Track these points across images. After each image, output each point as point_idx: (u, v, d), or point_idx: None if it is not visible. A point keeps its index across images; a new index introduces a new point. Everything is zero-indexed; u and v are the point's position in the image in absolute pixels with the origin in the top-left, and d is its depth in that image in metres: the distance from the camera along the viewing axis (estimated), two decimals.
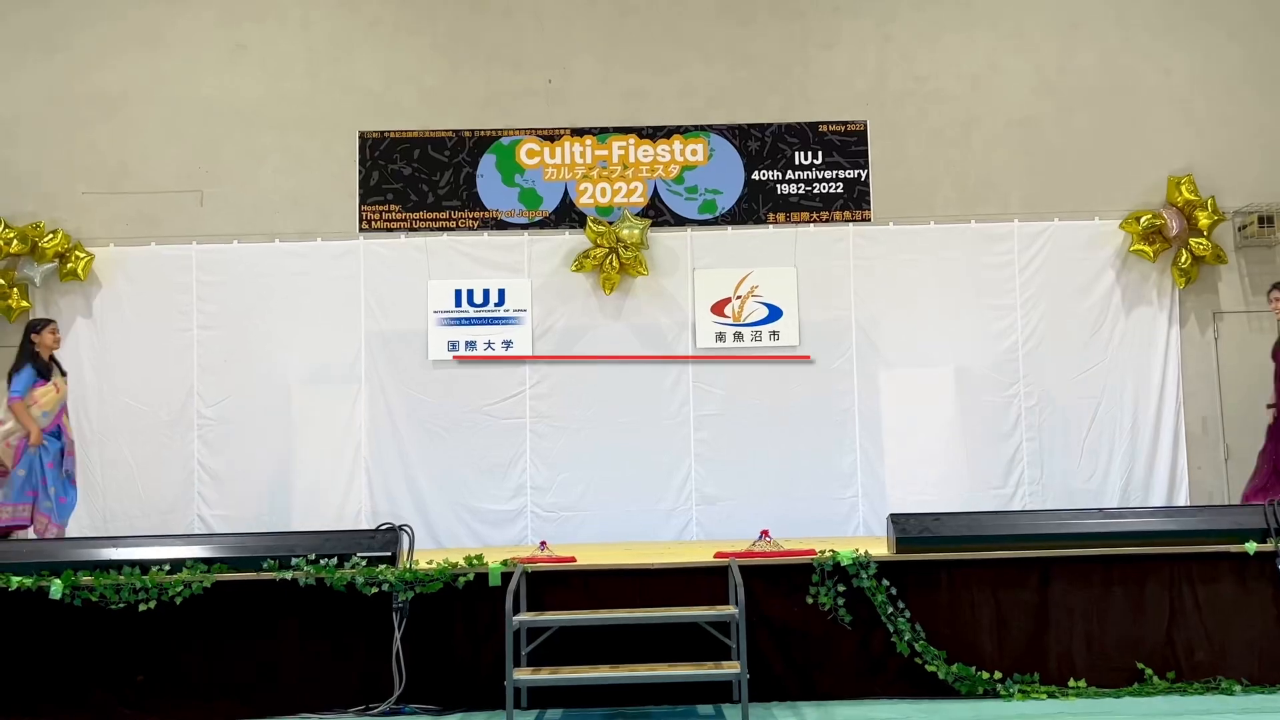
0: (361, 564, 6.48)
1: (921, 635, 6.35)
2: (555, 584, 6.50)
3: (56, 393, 8.52)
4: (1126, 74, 10.46)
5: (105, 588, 6.38)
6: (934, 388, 10.19)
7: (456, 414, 10.12)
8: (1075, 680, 6.35)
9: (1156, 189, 10.29)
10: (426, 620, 6.41)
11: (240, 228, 10.28)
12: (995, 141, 10.41)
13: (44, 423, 8.41)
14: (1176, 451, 10.09)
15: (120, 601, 6.37)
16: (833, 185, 10.41)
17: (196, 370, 10.11)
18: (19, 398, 8.36)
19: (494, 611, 6.28)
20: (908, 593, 6.43)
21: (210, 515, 9.96)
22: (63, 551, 6.81)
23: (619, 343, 10.21)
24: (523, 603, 6.36)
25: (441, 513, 10.04)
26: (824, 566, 6.41)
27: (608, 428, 10.09)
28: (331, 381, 10.15)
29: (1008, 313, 10.20)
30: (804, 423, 10.08)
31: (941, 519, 6.65)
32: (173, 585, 6.38)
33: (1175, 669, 6.40)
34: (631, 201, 10.39)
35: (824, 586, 6.40)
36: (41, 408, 8.44)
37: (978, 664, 6.37)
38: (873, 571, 6.38)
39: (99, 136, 10.34)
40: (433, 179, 10.39)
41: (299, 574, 6.41)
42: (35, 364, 8.50)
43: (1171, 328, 10.21)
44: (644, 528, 9.97)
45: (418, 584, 6.38)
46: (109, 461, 9.98)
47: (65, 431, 8.61)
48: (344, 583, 6.38)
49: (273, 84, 10.44)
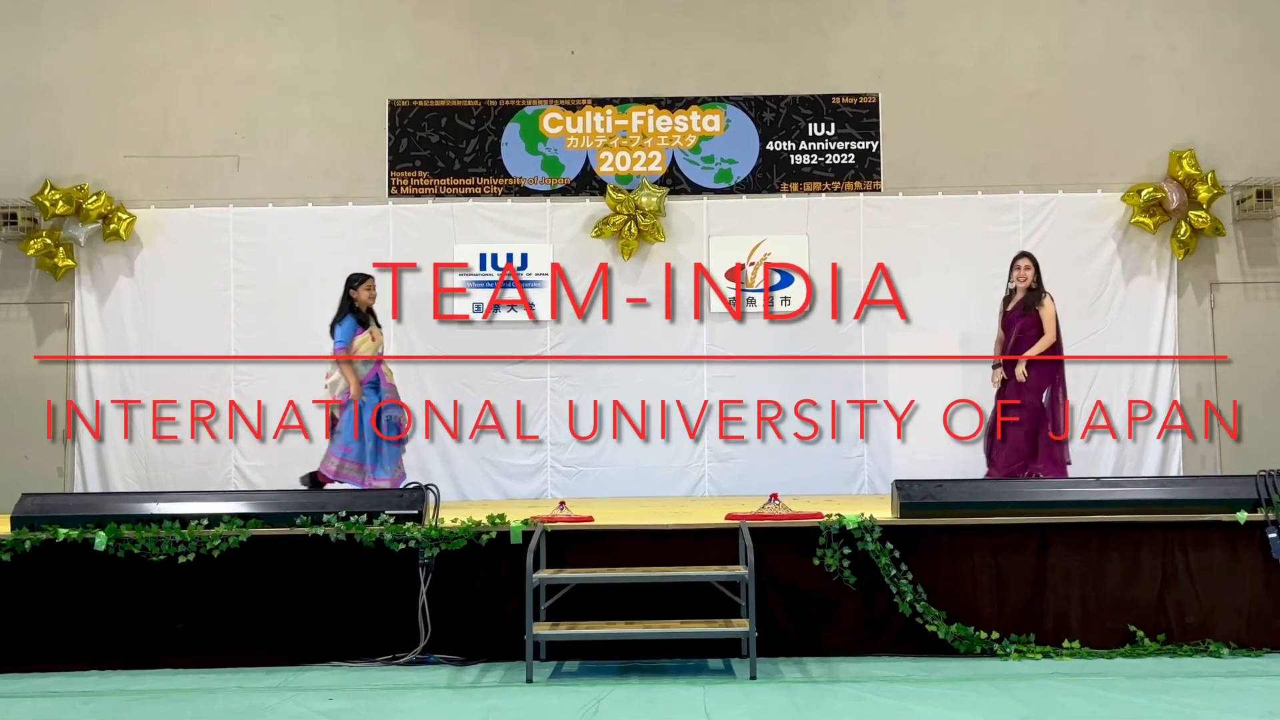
0: (389, 521, 6.49)
1: (923, 596, 6.34)
2: (574, 542, 6.50)
3: (373, 341, 8.41)
4: (1131, 49, 10.29)
5: (147, 540, 6.41)
6: (939, 352, 10.10)
7: (480, 372, 10.11)
8: (1070, 641, 6.34)
9: (1158, 162, 10.15)
10: (451, 575, 6.43)
11: (275, 192, 10.24)
12: (1003, 115, 10.28)
13: (363, 372, 8.28)
14: (1171, 417, 10.01)
15: (161, 554, 6.40)
16: (844, 156, 10.30)
17: (233, 328, 10.12)
18: (342, 348, 8.26)
19: (515, 568, 6.28)
20: (911, 556, 6.40)
21: (246, 466, 10.03)
22: (107, 505, 6.85)
23: (637, 308, 10.16)
24: (542, 560, 6.36)
25: (466, 467, 10.08)
26: (830, 530, 6.40)
27: (625, 387, 10.08)
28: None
29: None
30: (812, 384, 10.04)
31: (944, 485, 6.61)
32: (211, 539, 6.40)
33: (1166, 631, 6.38)
34: (650, 170, 10.30)
35: (830, 549, 6.39)
36: (360, 357, 8.32)
37: (976, 624, 6.36)
38: (877, 535, 6.36)
39: (140, 104, 10.29)
40: (459, 146, 10.31)
41: (330, 530, 6.43)
42: (355, 315, 8.40)
43: (1170, 297, 10.11)
44: (659, 483, 10.00)
45: (443, 541, 6.39)
46: (150, 415, 9.98)
47: (384, 380, 8.45)
48: (373, 539, 6.40)
49: (306, 54, 10.36)
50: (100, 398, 10.04)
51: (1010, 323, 8.43)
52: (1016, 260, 8.48)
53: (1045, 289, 8.39)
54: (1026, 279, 8.38)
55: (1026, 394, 8.25)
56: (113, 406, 10.01)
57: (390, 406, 8.42)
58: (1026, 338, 8.31)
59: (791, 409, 9.99)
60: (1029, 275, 8.38)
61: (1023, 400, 8.28)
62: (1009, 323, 8.44)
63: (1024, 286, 8.39)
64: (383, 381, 8.46)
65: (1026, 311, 8.33)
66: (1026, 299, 8.35)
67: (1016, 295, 8.44)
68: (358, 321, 8.38)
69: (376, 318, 8.61)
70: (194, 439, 9.99)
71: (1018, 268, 8.43)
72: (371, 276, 8.65)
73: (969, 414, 9.97)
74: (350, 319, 8.37)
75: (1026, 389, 8.25)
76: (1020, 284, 8.41)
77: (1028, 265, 8.40)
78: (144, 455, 9.97)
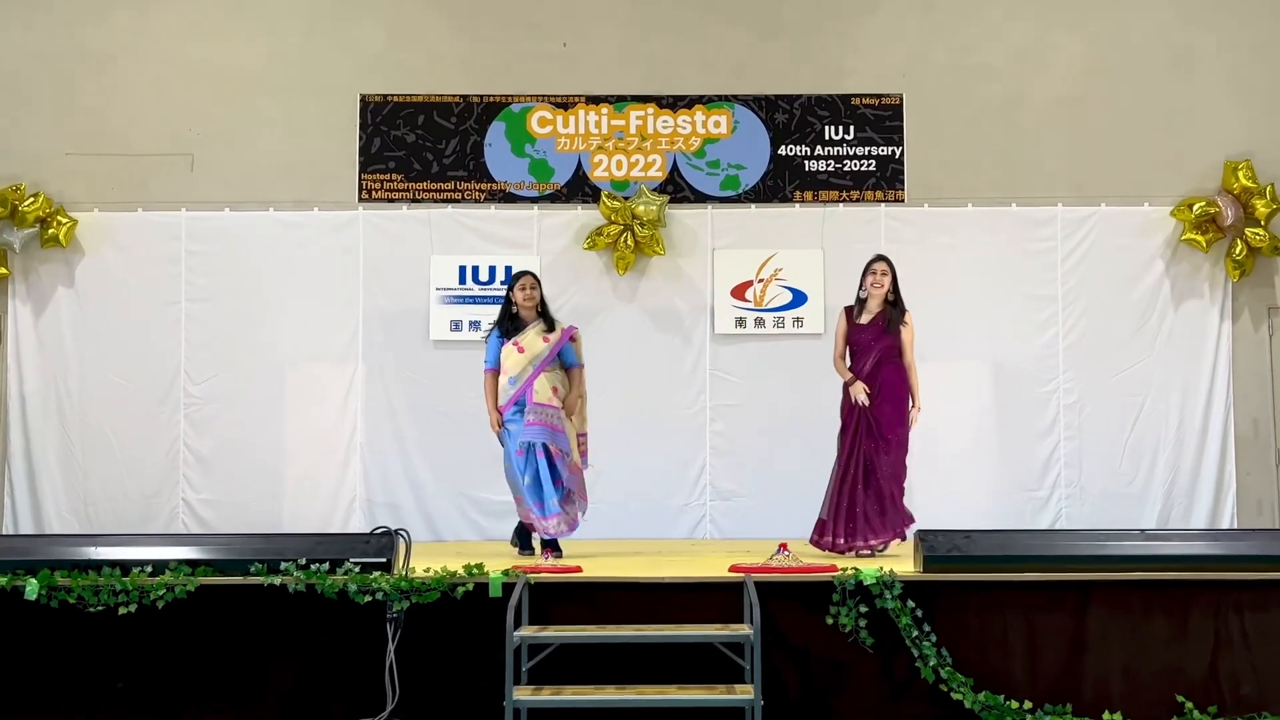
0: (355, 570, 6.43)
1: (948, 661, 6.29)
2: (560, 596, 6.45)
3: (520, 353, 7.79)
4: (1182, 50, 10.28)
5: (83, 589, 6.34)
6: (967, 381, 10.09)
7: (458, 397, 10.00)
8: (1111, 713, 6.28)
9: (1212, 174, 10.13)
10: (422, 631, 6.36)
11: (233, 195, 10.19)
12: (1040, 120, 10.25)
13: (509, 391, 7.74)
14: (1225, 455, 10.00)
15: (99, 604, 6.33)
16: (865, 163, 10.28)
17: (184, 346, 10.06)
18: (487, 370, 7.91)
19: (494, 624, 6.22)
20: (934, 614, 6.35)
21: (196, 500, 9.95)
22: (39, 549, 6.78)
23: (633, 327, 10.13)
24: (524, 616, 6.31)
25: (440, 503, 10.02)
26: (846, 585, 6.34)
27: (618, 416, 9.98)
28: (326, 360, 10.11)
29: (1048, 303, 10.10)
30: (827, 416, 9.93)
31: (972, 537, 6.56)
32: (155, 588, 6.33)
33: (1218, 703, 6.33)
34: (649, 175, 10.28)
35: (845, 606, 6.33)
36: (507, 373, 7.82)
37: (1007, 692, 6.31)
38: (897, 592, 6.31)
39: (85, 96, 10.24)
40: (438, 147, 10.28)
41: (288, 579, 6.37)
42: (500, 323, 7.97)
43: (1223, 323, 10.08)
44: (656, 523, 9.93)
45: (413, 593, 6.33)
46: (90, 442, 9.93)
47: (531, 397, 7.69)
48: (335, 590, 6.34)
49: (269, 43, 10.32)
50: (34, 422, 9.97)
51: (866, 342, 8.00)
52: (872, 264, 8.05)
53: (904, 301, 8.06)
54: (883, 287, 7.96)
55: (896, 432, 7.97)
56: (48, 432, 9.94)
57: (534, 429, 7.70)
58: (889, 362, 7.96)
59: (803, 442, 9.93)
60: (886, 283, 7.97)
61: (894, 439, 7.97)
62: (863, 342, 8.01)
63: (880, 296, 7.99)
64: (530, 399, 7.73)
65: (890, 329, 7.95)
66: (890, 314, 7.97)
67: (870, 306, 8.02)
68: (501, 330, 7.94)
69: (549, 316, 7.99)
70: (138, 470, 9.91)
71: (873, 272, 8.00)
72: (529, 272, 8.16)
73: (999, 451, 9.97)
74: (495, 331, 7.98)
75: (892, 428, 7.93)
76: (875, 292, 7.98)
77: (885, 271, 8.00)
78: (82, 487, 9.89)
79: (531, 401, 7.72)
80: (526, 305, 7.95)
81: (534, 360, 7.81)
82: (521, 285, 7.98)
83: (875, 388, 7.97)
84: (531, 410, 7.72)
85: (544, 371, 7.82)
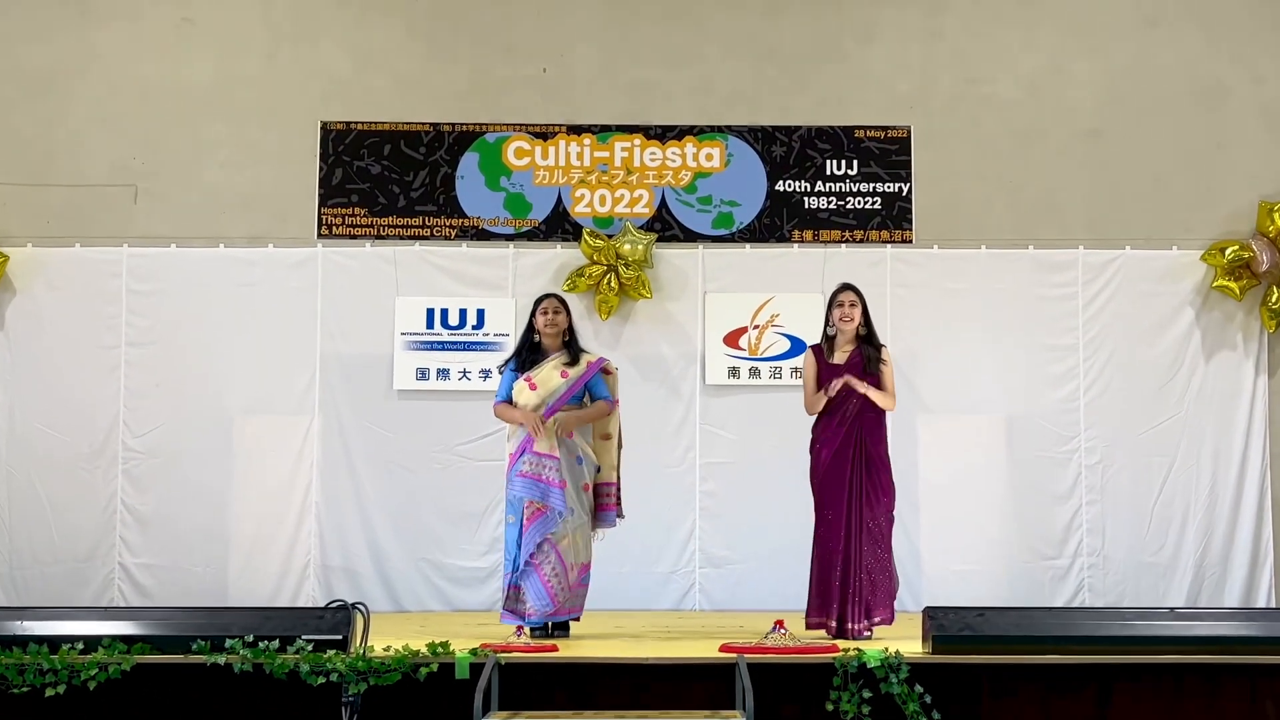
0: (307, 648, 6.36)
1: None
2: (533, 678, 6.40)
3: (531, 390, 7.41)
4: (1211, 81, 10.38)
5: (6, 668, 6.27)
6: (981, 439, 10.12)
7: (424, 453, 10.03)
8: None
9: (1246, 215, 10.22)
10: (381, 716, 6.30)
11: (180, 230, 10.20)
12: (1058, 155, 10.33)
13: (518, 438, 7.41)
14: (1261, 521, 10.02)
15: (24, 685, 6.25)
16: (869, 200, 10.34)
17: (123, 394, 10.02)
18: (497, 403, 7.61)
19: (460, 709, 6.17)
20: (944, 700, 6.31)
21: (133, 564, 9.89)
22: None
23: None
24: (494, 700, 6.26)
25: (402, 568, 9.97)
26: (847, 668, 6.30)
27: None
28: (280, 412, 10.08)
29: (1068, 354, 10.13)
30: None
31: (986, 615, 6.54)
32: (86, 667, 6.26)
33: None
34: (635, 212, 10.32)
35: (846, 691, 6.29)
36: (513, 419, 7.50)
37: None
38: (904, 675, 6.27)
39: (19, 120, 10.26)
40: (405, 179, 10.32)
41: (234, 658, 6.31)
42: (518, 353, 7.63)
43: (1259, 377, 10.13)
44: (640, 592, 9.90)
45: (371, 674, 6.27)
46: (18, 498, 9.88)
47: (531, 444, 7.30)
48: (286, 670, 6.28)
49: (223, 65, 10.36)
50: None
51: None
52: (838, 295, 7.69)
53: (877, 334, 7.79)
54: (854, 320, 7.60)
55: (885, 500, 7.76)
56: None
57: (521, 482, 7.37)
58: (869, 410, 7.62)
59: (802, 504, 9.90)
60: (856, 315, 7.60)
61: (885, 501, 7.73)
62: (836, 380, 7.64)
63: (850, 331, 7.64)
64: (529, 446, 7.35)
65: (869, 370, 7.61)
66: (866, 353, 7.64)
67: (840, 342, 7.68)
68: (516, 362, 7.58)
69: (574, 347, 7.60)
70: (71, 531, 9.84)
71: (840, 304, 7.62)
72: (554, 295, 7.76)
73: (1015, 516, 9.96)
74: (511, 363, 7.63)
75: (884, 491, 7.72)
76: (845, 327, 7.63)
77: (854, 301, 7.64)
78: (8, 549, 9.82)
79: (530, 449, 7.42)
80: (549, 332, 7.53)
81: (548, 399, 7.44)
82: (544, 309, 7.57)
83: (855, 443, 7.70)
84: (528, 459, 7.41)
85: (560, 413, 7.44)
